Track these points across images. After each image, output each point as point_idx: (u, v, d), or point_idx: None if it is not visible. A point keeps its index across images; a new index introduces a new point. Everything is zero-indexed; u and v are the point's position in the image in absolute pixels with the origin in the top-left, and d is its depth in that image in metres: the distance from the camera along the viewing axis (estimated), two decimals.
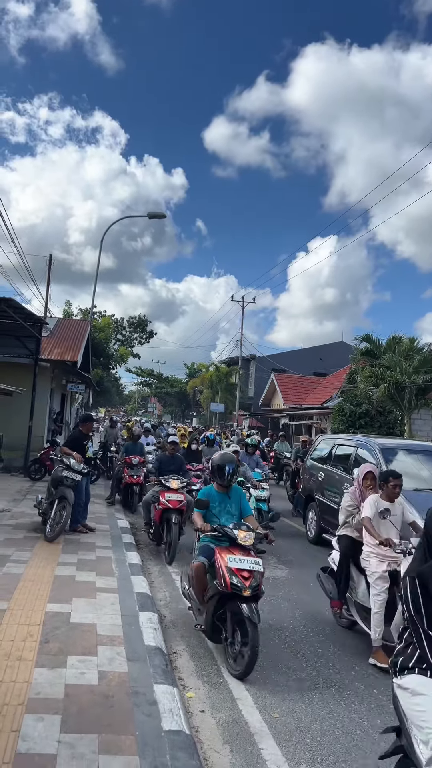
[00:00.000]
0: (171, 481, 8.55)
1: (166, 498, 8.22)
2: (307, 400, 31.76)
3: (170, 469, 9.02)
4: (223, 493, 5.51)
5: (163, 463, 9.18)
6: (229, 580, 4.63)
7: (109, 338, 36.33)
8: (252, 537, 5.03)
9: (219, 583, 4.73)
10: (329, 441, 10.93)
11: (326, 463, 10.31)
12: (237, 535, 4.97)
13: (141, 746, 3.27)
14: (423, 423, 20.48)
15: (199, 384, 47.87)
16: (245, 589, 4.58)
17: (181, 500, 8.29)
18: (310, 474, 10.96)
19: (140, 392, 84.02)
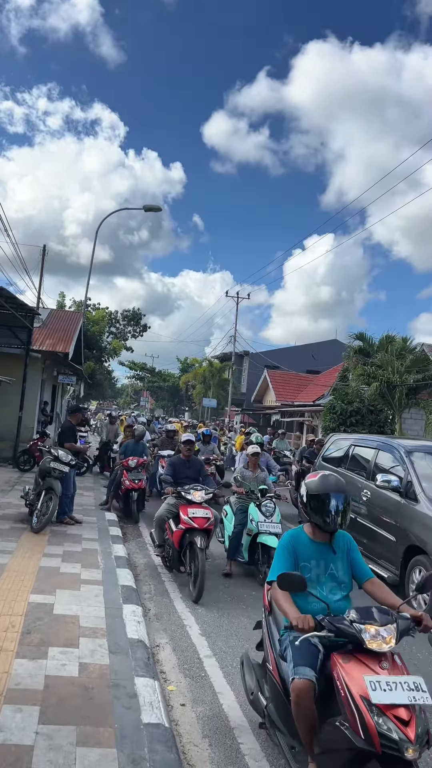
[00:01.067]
0: (193, 492, 6.77)
1: (189, 515, 6.46)
2: (299, 397, 31.81)
3: (186, 475, 7.28)
4: (323, 543, 3.35)
5: (178, 469, 7.31)
6: None
7: (102, 331, 36.19)
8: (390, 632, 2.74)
9: None
10: (344, 441, 9.96)
11: (341, 465, 9.31)
12: (364, 636, 2.70)
13: (119, 739, 3.25)
14: (413, 422, 20.56)
15: (192, 379, 47.85)
16: None
17: (209, 517, 6.56)
18: None
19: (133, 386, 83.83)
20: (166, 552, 7.07)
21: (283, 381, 35.82)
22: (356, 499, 8.19)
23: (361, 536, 7.77)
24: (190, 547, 6.49)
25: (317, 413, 25.24)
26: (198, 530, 6.41)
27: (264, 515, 7.16)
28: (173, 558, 6.81)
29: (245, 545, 7.32)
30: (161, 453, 11.98)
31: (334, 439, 10.72)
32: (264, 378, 37.46)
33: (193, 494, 6.81)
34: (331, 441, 10.69)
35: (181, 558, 6.67)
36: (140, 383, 71.33)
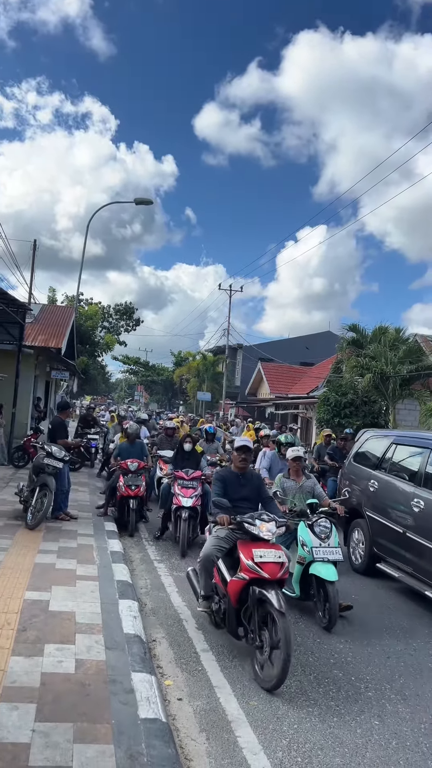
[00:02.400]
0: (260, 524, 4.81)
1: (255, 559, 4.53)
2: (294, 389, 31.83)
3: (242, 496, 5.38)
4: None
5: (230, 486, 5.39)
6: None
7: (95, 326, 36.07)
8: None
9: None
10: (381, 439, 8.51)
11: (380, 468, 7.90)
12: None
13: (116, 734, 3.24)
14: (407, 413, 20.63)
15: (186, 372, 47.80)
16: None
17: (283, 562, 4.63)
18: (355, 482, 8.50)
19: (127, 380, 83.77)
20: (215, 607, 5.05)
21: (277, 373, 35.83)
22: (403, 508, 6.93)
23: (413, 554, 6.59)
24: (259, 606, 4.42)
25: (311, 405, 25.28)
26: (269, 582, 4.44)
27: (318, 537, 5.82)
28: (229, 618, 4.74)
29: (296, 576, 5.91)
30: (160, 453, 10.42)
31: (367, 435, 9.03)
32: (258, 371, 37.45)
33: (260, 527, 4.76)
34: (363, 438, 9.03)
35: (240, 619, 4.68)
36: (134, 378, 71.26)
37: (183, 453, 8.62)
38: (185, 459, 8.56)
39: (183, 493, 8.00)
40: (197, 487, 8.16)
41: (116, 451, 9.60)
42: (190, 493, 8.04)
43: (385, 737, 3.72)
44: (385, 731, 3.79)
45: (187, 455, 8.59)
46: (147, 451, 9.83)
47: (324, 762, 3.38)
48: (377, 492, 7.71)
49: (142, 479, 9.08)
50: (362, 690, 4.38)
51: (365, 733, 3.73)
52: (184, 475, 8.23)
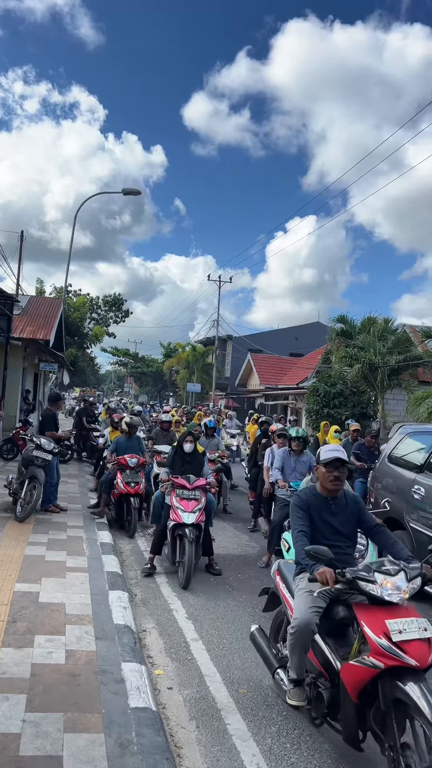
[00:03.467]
0: None
1: None
2: (283, 380, 31.90)
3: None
4: None
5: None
6: None
7: (84, 317, 35.88)
8: None
9: None
10: (422, 436, 7.37)
11: (427, 471, 6.75)
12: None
13: (107, 724, 3.26)
14: (396, 403, 20.75)
15: (176, 364, 47.71)
16: None
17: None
18: (392, 487, 7.37)
19: (116, 372, 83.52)
20: (311, 693, 3.52)
21: (266, 364, 35.87)
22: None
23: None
24: (396, 707, 2.94)
25: (301, 396, 25.37)
26: (411, 670, 3.01)
27: None
28: (347, 722, 3.18)
29: None
30: (157, 449, 9.88)
31: (405, 431, 7.82)
32: (248, 362, 37.47)
33: (383, 583, 3.25)
34: (400, 434, 7.85)
35: (366, 721, 3.22)
36: (123, 369, 71.04)
37: (183, 455, 6.94)
38: (185, 462, 6.88)
39: (183, 506, 6.42)
40: (200, 498, 6.58)
41: (112, 445, 8.93)
42: (192, 506, 6.44)
43: None
44: None
45: (188, 458, 6.90)
46: (144, 446, 9.21)
47: (313, 747, 3.43)
48: (425, 500, 6.50)
49: (142, 476, 8.52)
50: None
51: None
52: (185, 483, 6.60)
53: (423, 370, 18.08)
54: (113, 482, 8.48)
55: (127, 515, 8.37)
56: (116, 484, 8.38)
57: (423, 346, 18.21)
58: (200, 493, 6.63)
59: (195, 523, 6.33)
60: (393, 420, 18.46)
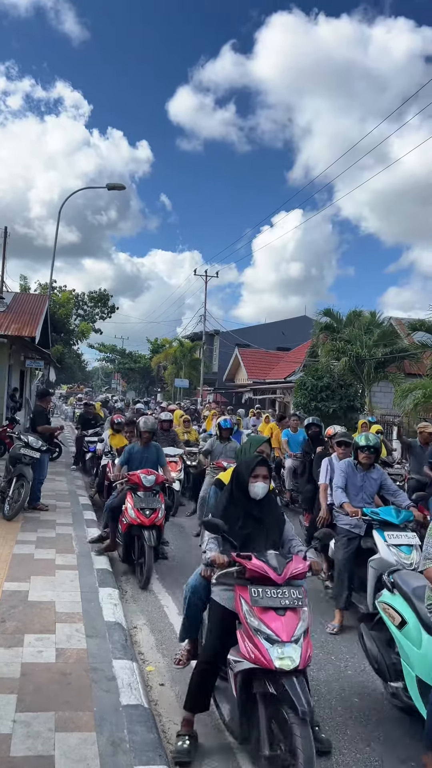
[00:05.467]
0: None
1: None
2: (271, 374, 31.93)
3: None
4: None
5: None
6: None
7: (69, 313, 35.63)
8: None
9: None
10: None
11: None
12: None
13: (98, 722, 3.25)
14: (383, 395, 20.85)
15: (163, 360, 47.59)
16: None
17: None
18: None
19: (103, 368, 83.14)
20: None
21: (254, 359, 35.87)
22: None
23: None
24: None
25: (288, 390, 25.42)
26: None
27: None
28: None
29: None
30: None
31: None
32: (235, 356, 37.45)
33: None
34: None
35: None
36: (111, 366, 70.74)
37: (246, 503, 3.51)
38: (251, 519, 3.42)
39: (275, 632, 2.85)
40: (301, 603, 3.00)
41: (123, 455, 6.82)
42: (291, 626, 2.96)
43: (365, 714, 3.78)
44: (365, 707, 3.86)
45: (256, 510, 3.45)
46: (164, 458, 7.05)
47: None
48: None
49: (160, 499, 6.42)
50: (342, 668, 4.45)
51: (345, 711, 3.80)
52: (269, 571, 2.96)
53: (409, 362, 18.16)
54: (120, 508, 6.44)
55: (139, 556, 6.15)
56: (125, 511, 6.26)
57: (409, 339, 18.30)
58: (300, 595, 3.02)
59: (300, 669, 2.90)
60: (380, 413, 18.57)
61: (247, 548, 3.18)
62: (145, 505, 6.16)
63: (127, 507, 6.25)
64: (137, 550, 6.17)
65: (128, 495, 6.33)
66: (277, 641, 2.79)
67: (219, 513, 3.39)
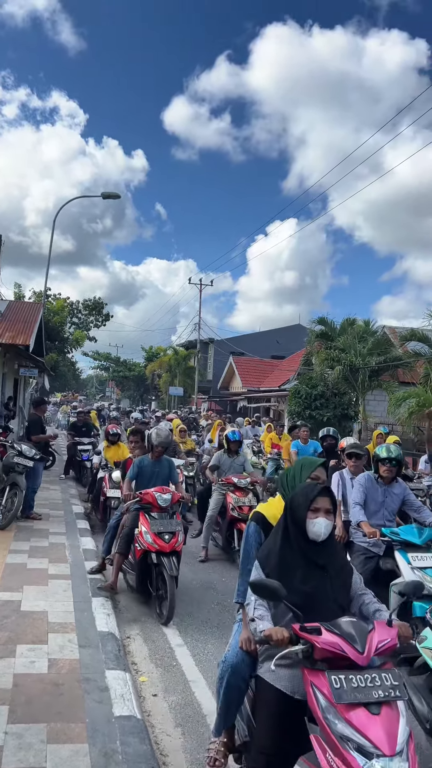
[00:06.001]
0: None
1: None
2: (265, 382, 31.96)
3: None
4: None
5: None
6: None
7: (64, 321, 35.60)
8: None
9: None
10: None
11: None
12: None
13: (91, 733, 3.23)
14: (377, 404, 20.91)
15: (158, 368, 47.58)
16: None
17: None
18: None
19: (98, 376, 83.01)
20: None
21: (248, 367, 35.94)
22: None
23: None
24: None
25: (283, 398, 25.45)
26: None
27: None
28: None
29: None
30: None
31: None
32: (230, 364, 37.50)
33: None
34: None
35: None
36: (105, 374, 70.63)
37: (306, 547, 2.73)
38: (315, 571, 2.64)
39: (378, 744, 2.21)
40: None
41: (132, 470, 6.02)
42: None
43: None
44: None
45: (316, 553, 2.60)
46: (177, 473, 6.33)
47: None
48: None
49: (178, 519, 5.82)
50: None
51: None
52: (355, 656, 2.15)
53: (403, 370, 18.25)
54: (132, 533, 5.62)
55: (158, 587, 5.43)
56: (140, 536, 5.49)
57: (403, 348, 18.39)
58: (396, 680, 2.20)
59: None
60: (374, 421, 18.62)
61: (311, 611, 2.32)
62: (163, 528, 5.45)
63: (141, 531, 5.49)
64: (155, 579, 5.48)
65: (141, 517, 5.59)
66: (376, 755, 1.94)
67: (272, 565, 2.54)
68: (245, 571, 2.75)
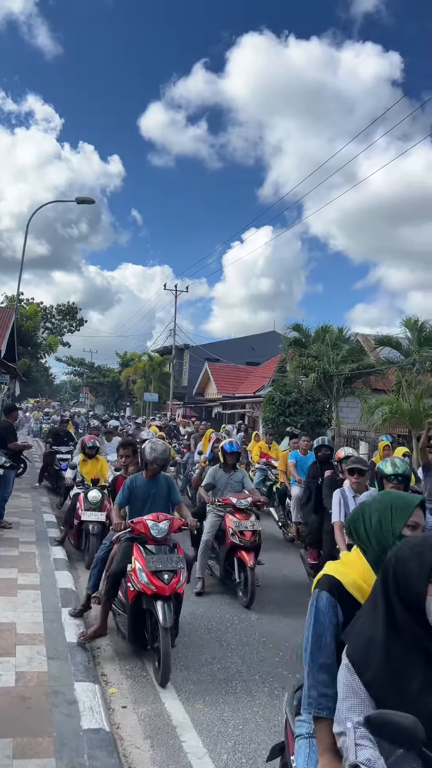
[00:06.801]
0: None
1: None
2: (240, 389, 32.07)
3: None
4: None
5: None
6: None
7: (37, 326, 35.25)
8: None
9: None
10: None
11: None
12: None
13: (58, 747, 3.18)
14: (349, 410, 21.12)
15: (133, 374, 47.37)
16: None
17: None
18: None
19: (71, 382, 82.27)
20: None
21: (223, 373, 36.01)
22: None
23: None
24: None
25: (258, 404, 25.53)
26: None
27: None
28: None
29: None
30: None
31: None
32: (205, 371, 37.53)
33: None
34: None
35: None
36: (79, 379, 70.08)
37: None
38: None
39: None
40: None
41: (122, 493, 4.93)
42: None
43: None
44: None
45: None
46: (178, 493, 5.18)
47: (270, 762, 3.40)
48: None
49: (179, 553, 4.68)
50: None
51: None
52: None
53: (375, 378, 18.48)
54: (123, 571, 4.60)
55: (152, 638, 4.45)
56: (133, 574, 4.45)
57: (375, 355, 18.63)
58: None
59: None
60: (346, 427, 18.80)
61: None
62: (162, 565, 4.43)
63: (135, 568, 4.45)
64: (150, 627, 4.50)
65: (136, 550, 4.56)
66: None
67: (375, 667, 1.65)
68: (316, 666, 1.95)
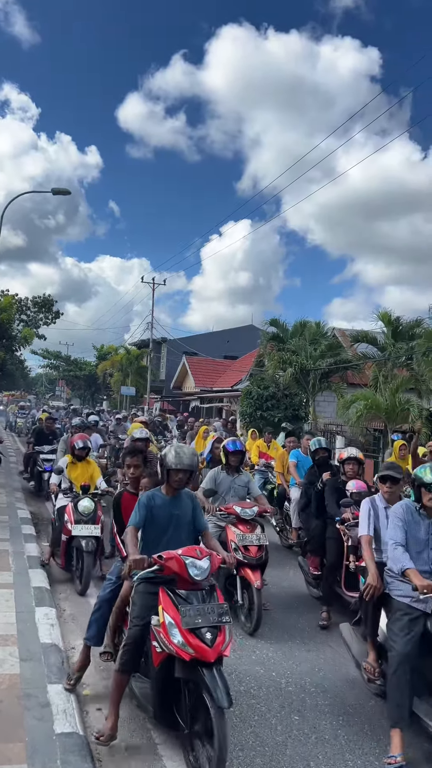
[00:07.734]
0: None
1: None
2: (218, 383, 32.05)
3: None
4: None
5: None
6: None
7: (12, 319, 34.68)
8: None
9: None
10: None
11: None
12: None
13: (30, 753, 3.11)
14: (326, 405, 21.26)
15: (109, 367, 46.99)
16: None
17: None
18: None
19: (47, 375, 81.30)
20: None
21: (201, 367, 35.95)
22: None
23: None
24: None
25: (235, 398, 25.54)
26: None
27: None
28: None
29: None
30: None
31: None
32: (183, 364, 37.42)
33: None
34: None
35: None
36: (55, 372, 69.29)
37: None
38: None
39: None
40: None
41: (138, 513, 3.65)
42: None
43: (305, 732, 3.77)
44: (305, 726, 3.85)
45: None
46: (203, 518, 3.95)
47: (245, 762, 3.39)
48: None
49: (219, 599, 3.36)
50: (283, 685, 4.43)
51: (285, 730, 3.77)
52: None
53: (352, 372, 18.61)
54: (148, 632, 3.34)
55: (192, 721, 3.20)
56: (161, 631, 3.18)
57: (352, 350, 18.75)
58: None
59: None
60: (323, 422, 18.91)
61: None
62: (202, 620, 3.13)
63: (164, 622, 3.16)
64: (186, 704, 3.22)
65: (163, 596, 3.26)
66: None
67: None
68: None
